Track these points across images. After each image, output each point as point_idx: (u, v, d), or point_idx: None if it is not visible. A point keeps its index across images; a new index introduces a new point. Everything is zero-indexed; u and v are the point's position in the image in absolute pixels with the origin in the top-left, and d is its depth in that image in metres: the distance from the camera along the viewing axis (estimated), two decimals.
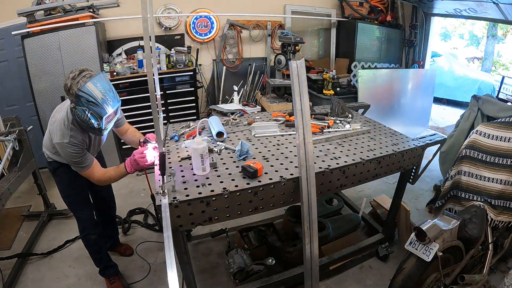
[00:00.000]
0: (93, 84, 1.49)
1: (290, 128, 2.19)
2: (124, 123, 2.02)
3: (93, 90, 1.48)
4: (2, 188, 2.19)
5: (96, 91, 1.49)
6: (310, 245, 1.55)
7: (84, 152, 1.68)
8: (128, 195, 3.25)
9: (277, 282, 1.96)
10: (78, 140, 1.64)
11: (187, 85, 3.81)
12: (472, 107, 2.86)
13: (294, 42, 3.61)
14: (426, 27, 4.93)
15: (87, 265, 2.29)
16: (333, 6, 4.82)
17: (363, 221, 2.64)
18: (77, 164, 1.67)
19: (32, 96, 3.23)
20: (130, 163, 1.69)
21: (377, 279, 2.19)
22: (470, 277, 1.78)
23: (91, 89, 1.48)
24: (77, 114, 1.55)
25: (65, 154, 1.64)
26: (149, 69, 1.17)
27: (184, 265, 1.61)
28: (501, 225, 1.97)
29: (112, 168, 1.77)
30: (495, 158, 1.99)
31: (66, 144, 1.60)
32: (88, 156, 1.71)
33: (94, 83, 1.50)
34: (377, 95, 4.28)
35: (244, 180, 1.52)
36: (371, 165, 1.82)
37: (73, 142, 1.61)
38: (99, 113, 1.53)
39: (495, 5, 3.61)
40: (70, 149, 1.61)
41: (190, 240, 2.54)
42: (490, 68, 8.25)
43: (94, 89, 1.49)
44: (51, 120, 1.70)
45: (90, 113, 1.52)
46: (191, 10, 4.06)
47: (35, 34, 3.08)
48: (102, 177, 1.75)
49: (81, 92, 1.47)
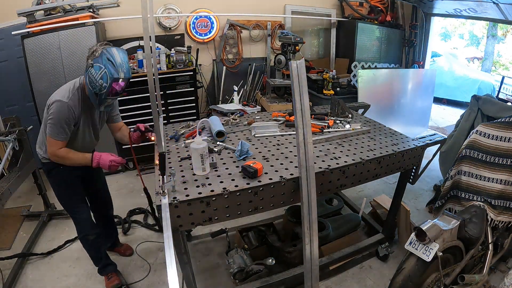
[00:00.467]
0: (117, 50, 1.69)
1: (290, 128, 2.19)
2: (119, 120, 2.07)
3: (115, 53, 1.67)
4: (2, 188, 2.19)
5: (117, 56, 1.67)
6: (310, 245, 1.55)
7: (68, 127, 1.70)
8: (128, 195, 3.25)
9: (277, 282, 1.96)
10: (73, 107, 1.69)
11: (187, 85, 3.80)
12: (472, 107, 2.86)
13: (294, 42, 3.61)
14: (426, 27, 4.93)
15: (87, 265, 2.29)
16: (333, 6, 4.83)
17: (363, 221, 2.64)
18: (52, 125, 1.67)
19: (32, 96, 3.23)
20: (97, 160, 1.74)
21: (377, 279, 2.19)
22: (470, 277, 1.78)
23: (114, 52, 1.67)
24: (91, 73, 1.66)
25: (53, 113, 1.65)
26: (149, 69, 1.17)
27: (184, 265, 1.61)
28: (501, 225, 1.97)
29: (80, 154, 1.77)
30: (495, 158, 1.99)
31: (62, 102, 1.65)
32: (66, 133, 1.72)
33: (118, 50, 1.70)
34: (377, 95, 4.28)
35: (244, 180, 1.53)
36: (371, 165, 1.82)
37: (68, 105, 1.66)
38: (112, 74, 1.64)
39: (495, 5, 3.60)
40: (61, 108, 1.65)
41: (190, 240, 2.54)
42: (490, 68, 8.26)
43: (116, 53, 1.67)
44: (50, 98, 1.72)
45: (104, 72, 1.64)
46: (191, 10, 4.06)
47: (35, 34, 3.08)
48: (61, 154, 1.73)
49: (105, 50, 1.65)
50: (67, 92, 1.70)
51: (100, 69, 1.64)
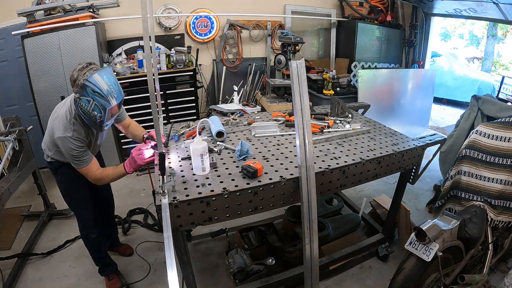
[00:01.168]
0: (100, 75, 1.53)
1: (290, 128, 2.19)
2: (125, 117, 2.03)
3: (99, 81, 1.51)
4: (2, 188, 2.19)
5: (102, 83, 1.52)
6: (310, 245, 1.55)
7: (85, 148, 1.69)
8: (128, 195, 3.25)
9: (277, 282, 1.96)
10: (80, 135, 1.66)
11: (187, 85, 3.80)
12: (472, 107, 2.86)
13: (294, 42, 3.61)
14: (426, 27, 4.93)
15: (87, 265, 2.29)
16: (333, 6, 4.82)
17: (363, 221, 2.64)
18: (76, 159, 1.66)
19: (32, 96, 3.23)
20: (129, 162, 1.71)
21: (377, 279, 2.19)
22: (470, 277, 1.78)
23: (97, 80, 1.51)
24: (81, 106, 1.56)
25: (65, 149, 1.64)
26: (149, 69, 1.17)
27: (184, 265, 1.61)
28: (501, 225, 1.97)
29: (111, 168, 1.78)
30: (495, 158, 1.99)
31: (69, 138, 1.61)
32: (88, 152, 1.71)
33: (100, 75, 1.53)
34: (377, 95, 4.28)
35: (244, 180, 1.52)
36: (371, 165, 1.82)
37: (75, 136, 1.63)
38: (103, 105, 1.55)
39: (495, 5, 3.61)
40: (71, 143, 1.62)
41: (190, 240, 2.54)
42: (490, 68, 8.26)
43: (100, 80, 1.52)
44: (52, 116, 1.70)
45: (94, 104, 1.54)
46: (191, 10, 4.06)
47: (35, 34, 3.08)
48: (100, 175, 1.75)
49: (87, 82, 1.50)
50: (68, 124, 1.63)
51: (90, 102, 1.53)
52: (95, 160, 1.76)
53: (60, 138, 1.62)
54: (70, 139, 1.61)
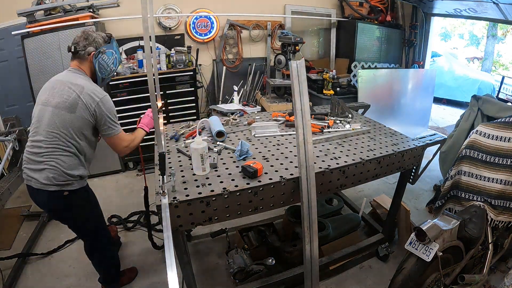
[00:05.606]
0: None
1: (290, 128, 2.19)
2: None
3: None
4: (2, 188, 2.19)
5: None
6: (310, 245, 1.55)
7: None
8: (128, 195, 3.25)
9: (277, 282, 1.96)
10: None
11: (187, 85, 3.80)
12: (472, 107, 2.86)
13: (294, 42, 3.61)
14: (426, 27, 4.93)
15: (87, 265, 2.28)
16: (333, 6, 4.83)
17: (363, 221, 2.64)
18: (115, 122, 1.66)
19: (32, 96, 3.22)
20: (145, 123, 1.84)
21: (377, 279, 2.19)
22: (470, 277, 1.78)
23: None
24: (103, 59, 1.66)
25: (109, 110, 1.62)
26: (149, 69, 1.17)
27: (184, 265, 1.61)
28: (501, 225, 1.97)
29: (131, 134, 1.78)
30: (495, 158, 1.99)
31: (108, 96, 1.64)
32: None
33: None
34: (377, 95, 4.28)
35: (244, 180, 1.52)
36: (371, 165, 1.82)
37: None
38: (120, 59, 1.76)
39: (495, 5, 3.61)
40: (111, 101, 1.66)
41: (190, 240, 2.54)
42: (490, 68, 8.26)
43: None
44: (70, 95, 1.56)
45: (115, 57, 1.72)
46: (191, 10, 4.06)
47: (35, 34, 3.08)
48: (131, 139, 1.75)
49: (113, 37, 1.71)
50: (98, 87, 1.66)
51: (112, 55, 1.69)
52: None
53: (105, 98, 1.61)
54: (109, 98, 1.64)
